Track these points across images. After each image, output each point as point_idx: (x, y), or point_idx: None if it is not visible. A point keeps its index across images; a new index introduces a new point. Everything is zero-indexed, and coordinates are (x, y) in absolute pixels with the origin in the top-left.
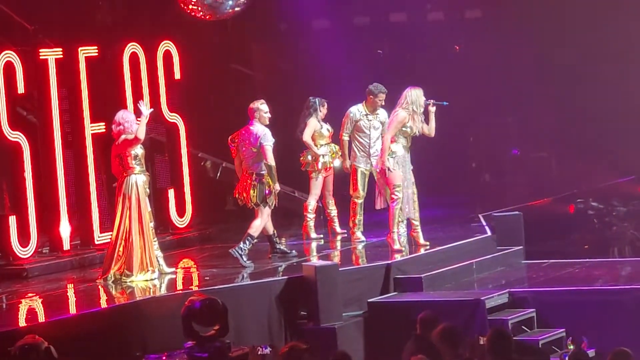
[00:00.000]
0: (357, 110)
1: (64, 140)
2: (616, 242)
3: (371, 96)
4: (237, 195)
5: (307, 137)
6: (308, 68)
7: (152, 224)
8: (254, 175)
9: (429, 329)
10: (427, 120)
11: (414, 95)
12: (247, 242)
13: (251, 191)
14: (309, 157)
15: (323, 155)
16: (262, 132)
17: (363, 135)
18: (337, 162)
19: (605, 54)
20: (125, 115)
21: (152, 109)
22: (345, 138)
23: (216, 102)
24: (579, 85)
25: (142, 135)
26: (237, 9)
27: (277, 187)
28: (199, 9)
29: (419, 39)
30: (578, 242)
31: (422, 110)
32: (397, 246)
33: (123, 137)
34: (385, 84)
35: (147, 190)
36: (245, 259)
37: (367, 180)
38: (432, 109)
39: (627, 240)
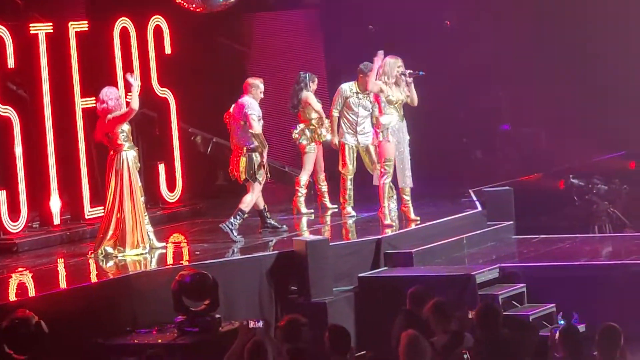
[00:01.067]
0: (348, 87)
1: (54, 115)
2: (597, 220)
3: (361, 75)
4: (230, 172)
5: (319, 107)
6: (298, 44)
7: (143, 199)
8: (244, 150)
9: (418, 304)
10: (408, 91)
11: (387, 66)
12: (238, 217)
13: (240, 166)
14: (307, 132)
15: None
16: (247, 102)
17: (351, 113)
18: (329, 136)
19: (597, 29)
20: (108, 92)
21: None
22: (335, 114)
23: (207, 76)
24: (571, 60)
25: (136, 105)
26: (230, 1)
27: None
28: (191, 1)
29: (409, 14)
30: (568, 217)
31: (393, 80)
32: (387, 221)
33: (110, 116)
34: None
35: (138, 164)
36: (235, 234)
37: (355, 155)
38: (409, 79)
39: (607, 219)
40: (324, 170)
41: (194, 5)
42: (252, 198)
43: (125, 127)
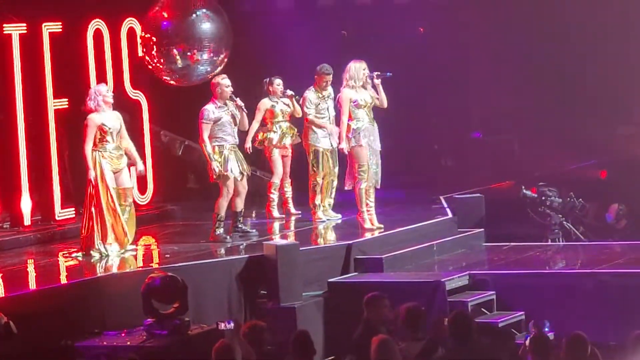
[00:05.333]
0: (314, 95)
1: (26, 116)
2: (550, 233)
3: (316, 76)
4: None
5: (256, 120)
6: (271, 49)
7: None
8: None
9: (374, 310)
10: (377, 93)
11: (353, 70)
12: (217, 223)
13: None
14: (260, 136)
15: (272, 132)
16: (205, 109)
17: (322, 118)
18: (287, 141)
19: (565, 37)
20: (93, 90)
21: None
22: (312, 118)
23: None
24: (542, 67)
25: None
26: (217, 70)
27: (214, 165)
28: (168, 73)
29: (383, 20)
30: (538, 225)
31: (361, 83)
32: (367, 225)
33: (88, 119)
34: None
35: (121, 164)
36: (225, 235)
37: (324, 159)
38: (377, 81)
39: (561, 232)
40: (290, 175)
41: (173, 79)
42: (222, 200)
43: (110, 125)
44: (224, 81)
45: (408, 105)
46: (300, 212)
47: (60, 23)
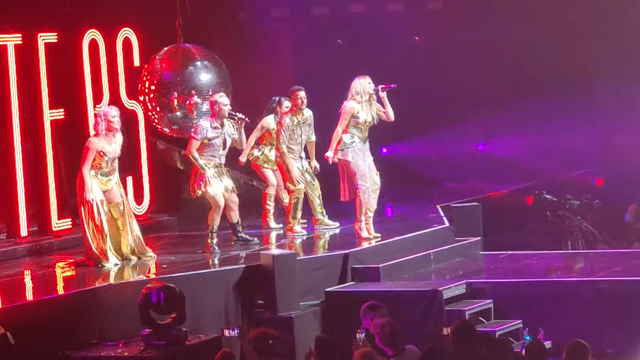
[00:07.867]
0: (290, 121)
1: (22, 126)
2: (569, 235)
3: (290, 98)
4: None
5: (252, 137)
6: (267, 58)
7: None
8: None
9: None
10: (383, 106)
11: (358, 85)
12: (209, 234)
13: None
14: (255, 152)
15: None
16: (200, 125)
17: (294, 143)
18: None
19: (563, 49)
20: (102, 111)
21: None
22: (284, 149)
23: None
24: (538, 78)
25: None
26: None
27: (208, 172)
28: (165, 124)
29: (378, 29)
30: (535, 232)
31: (367, 98)
32: (364, 234)
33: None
34: (343, 75)
35: (110, 184)
36: (217, 249)
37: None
38: (383, 94)
39: (580, 234)
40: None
41: (171, 130)
42: (213, 213)
43: (110, 152)
44: (222, 99)
45: (405, 114)
46: (280, 225)
47: (56, 33)
